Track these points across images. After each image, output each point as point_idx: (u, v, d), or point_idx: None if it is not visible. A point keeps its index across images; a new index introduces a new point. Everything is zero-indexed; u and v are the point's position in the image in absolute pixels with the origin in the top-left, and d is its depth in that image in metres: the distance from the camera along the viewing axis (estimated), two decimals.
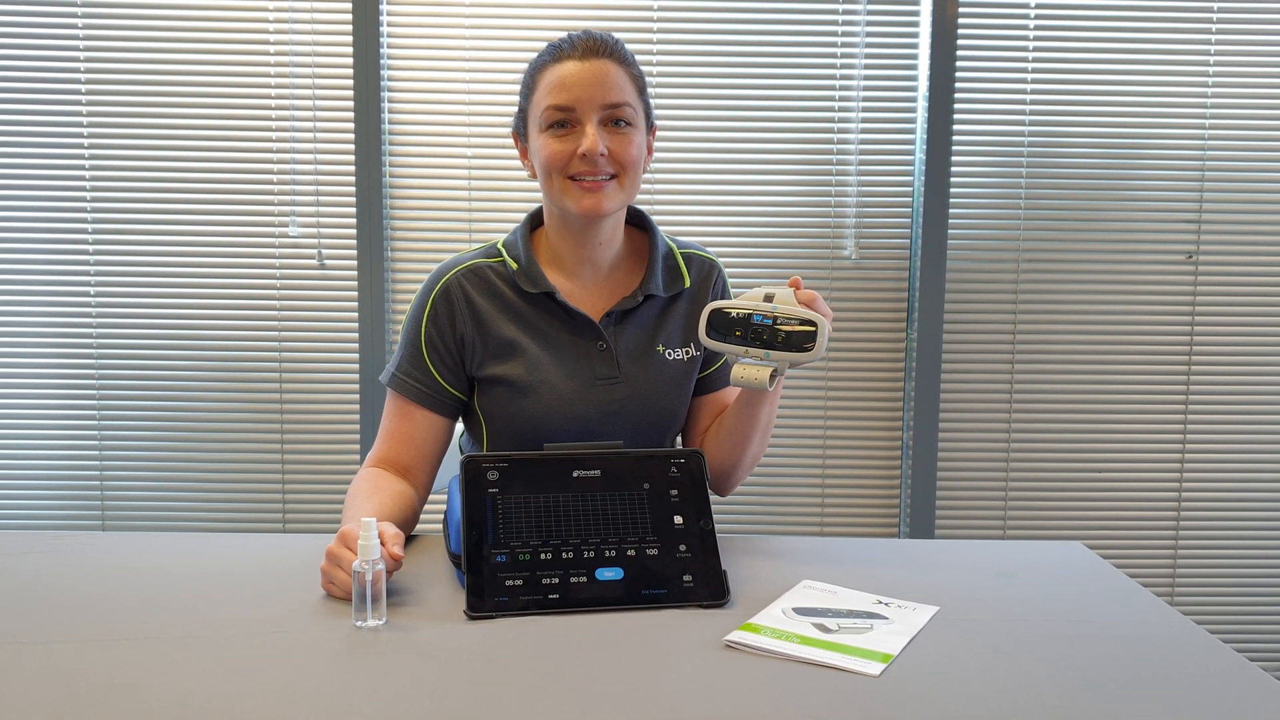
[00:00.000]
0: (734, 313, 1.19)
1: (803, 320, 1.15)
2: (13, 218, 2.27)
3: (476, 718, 0.83)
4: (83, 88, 2.25)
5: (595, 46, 1.27)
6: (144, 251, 2.29)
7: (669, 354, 1.37)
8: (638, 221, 1.41)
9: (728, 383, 1.42)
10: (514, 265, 1.33)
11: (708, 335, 1.21)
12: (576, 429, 1.31)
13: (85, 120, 2.26)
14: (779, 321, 1.16)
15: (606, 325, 1.34)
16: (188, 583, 1.13)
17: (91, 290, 2.29)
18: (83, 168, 2.26)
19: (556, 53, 1.28)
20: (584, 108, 1.25)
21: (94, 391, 2.31)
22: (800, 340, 1.15)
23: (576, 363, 1.32)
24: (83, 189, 2.27)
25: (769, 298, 1.18)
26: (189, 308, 2.30)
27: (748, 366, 1.18)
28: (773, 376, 1.18)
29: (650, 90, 1.34)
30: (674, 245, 1.41)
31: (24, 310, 2.29)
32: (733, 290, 1.45)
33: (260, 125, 2.27)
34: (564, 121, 1.26)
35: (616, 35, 1.32)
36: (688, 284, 1.38)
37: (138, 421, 2.32)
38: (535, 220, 1.40)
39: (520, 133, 1.35)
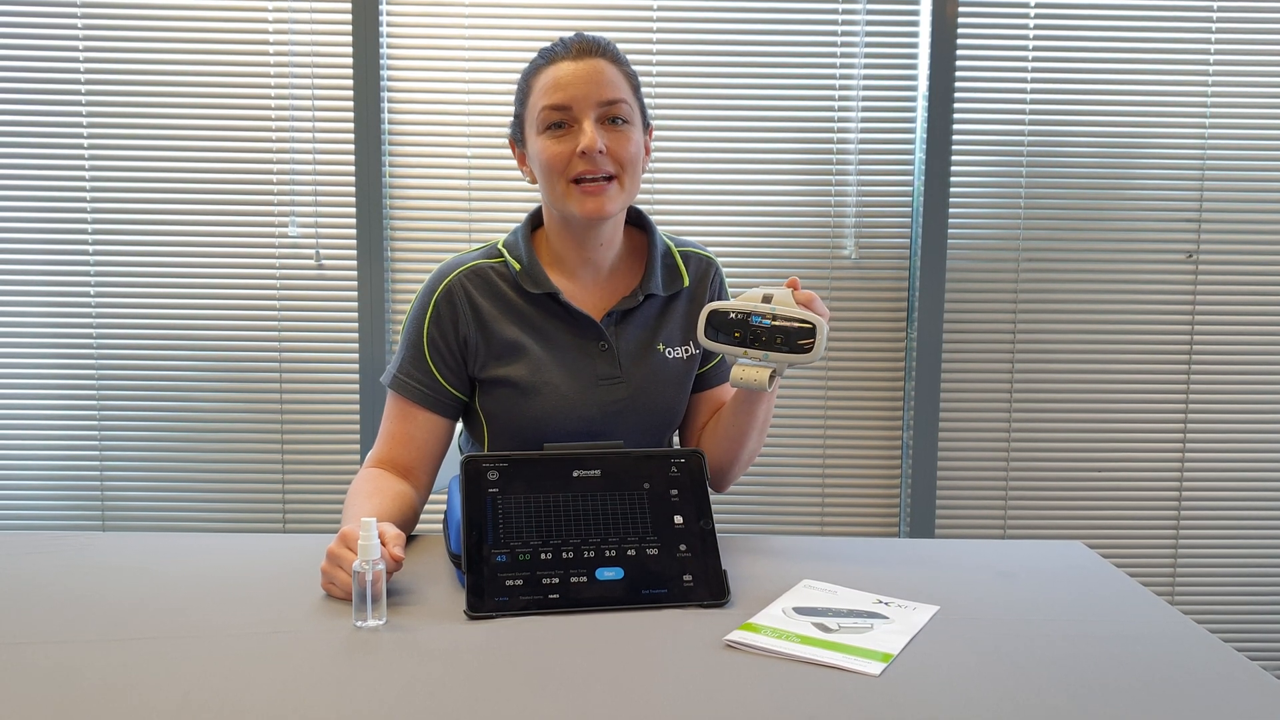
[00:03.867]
0: (733, 313, 1.19)
1: (801, 321, 1.16)
2: (12, 217, 2.27)
3: (476, 718, 0.83)
4: (82, 87, 2.25)
5: (588, 47, 1.27)
6: (144, 251, 2.29)
7: (669, 352, 1.37)
8: (636, 221, 1.41)
9: (724, 380, 1.43)
10: (516, 266, 1.33)
11: (706, 335, 1.21)
12: (579, 429, 1.31)
13: (85, 120, 2.26)
14: (778, 322, 1.16)
15: (608, 325, 1.34)
16: (188, 583, 1.13)
17: (91, 290, 2.29)
18: (82, 167, 2.26)
19: (550, 56, 1.28)
20: (580, 106, 1.25)
21: (94, 391, 2.31)
22: (799, 341, 1.16)
23: (579, 363, 1.32)
24: (82, 188, 2.27)
25: (767, 298, 1.18)
26: (189, 307, 2.30)
27: (747, 367, 1.19)
28: (772, 377, 1.18)
29: (650, 92, 1.35)
30: (672, 243, 1.41)
31: (24, 310, 2.29)
32: (730, 289, 1.45)
33: (260, 125, 2.27)
34: (561, 122, 1.26)
35: (616, 37, 1.32)
36: (686, 283, 1.38)
37: (138, 421, 2.32)
38: (535, 220, 1.40)
39: (517, 139, 1.35)
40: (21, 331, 2.30)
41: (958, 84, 2.29)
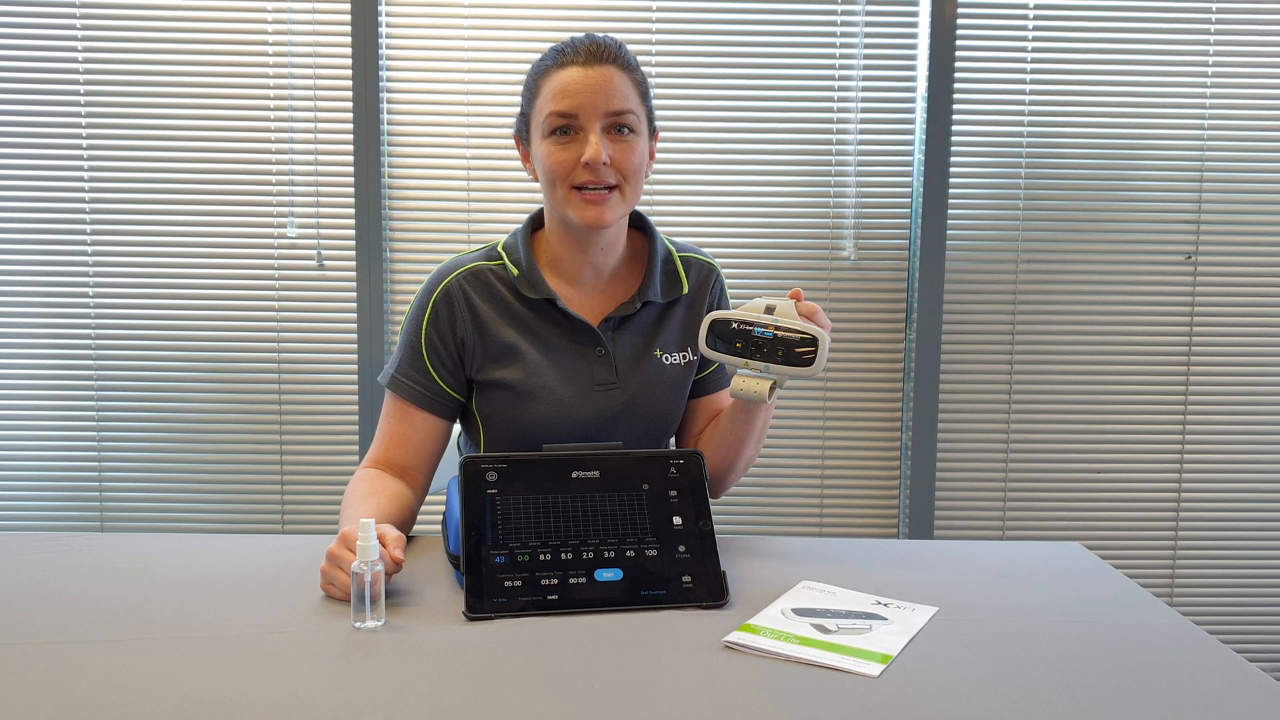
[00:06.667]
0: (735, 323, 1.19)
1: (804, 335, 1.16)
2: (10, 215, 2.27)
3: (475, 719, 0.82)
4: (81, 84, 2.24)
5: (599, 52, 1.26)
6: (142, 251, 2.29)
7: (666, 358, 1.37)
8: (638, 225, 1.41)
9: (722, 386, 1.42)
10: (515, 271, 1.32)
11: (708, 345, 1.21)
12: (575, 434, 1.31)
13: (84, 118, 2.25)
14: (780, 335, 1.17)
15: (605, 331, 1.34)
16: (186, 584, 1.13)
17: (90, 289, 2.29)
18: (81, 165, 2.26)
19: (559, 58, 1.27)
20: (587, 115, 1.24)
21: (92, 391, 2.31)
22: (801, 355, 1.16)
23: (575, 368, 1.32)
24: (81, 187, 2.27)
25: (770, 309, 1.18)
26: (187, 307, 2.30)
27: (748, 379, 1.19)
28: (772, 389, 1.19)
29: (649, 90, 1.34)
30: (672, 248, 1.40)
31: (22, 310, 2.29)
32: (729, 291, 1.45)
33: (259, 124, 2.27)
34: (566, 128, 1.26)
35: (617, 35, 1.32)
36: (685, 290, 1.38)
37: (136, 422, 2.32)
38: (536, 222, 1.39)
39: (522, 136, 1.35)
40: (20, 331, 2.30)
41: (956, 83, 2.29)
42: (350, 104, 2.26)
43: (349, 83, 2.25)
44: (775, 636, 0.98)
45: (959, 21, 2.27)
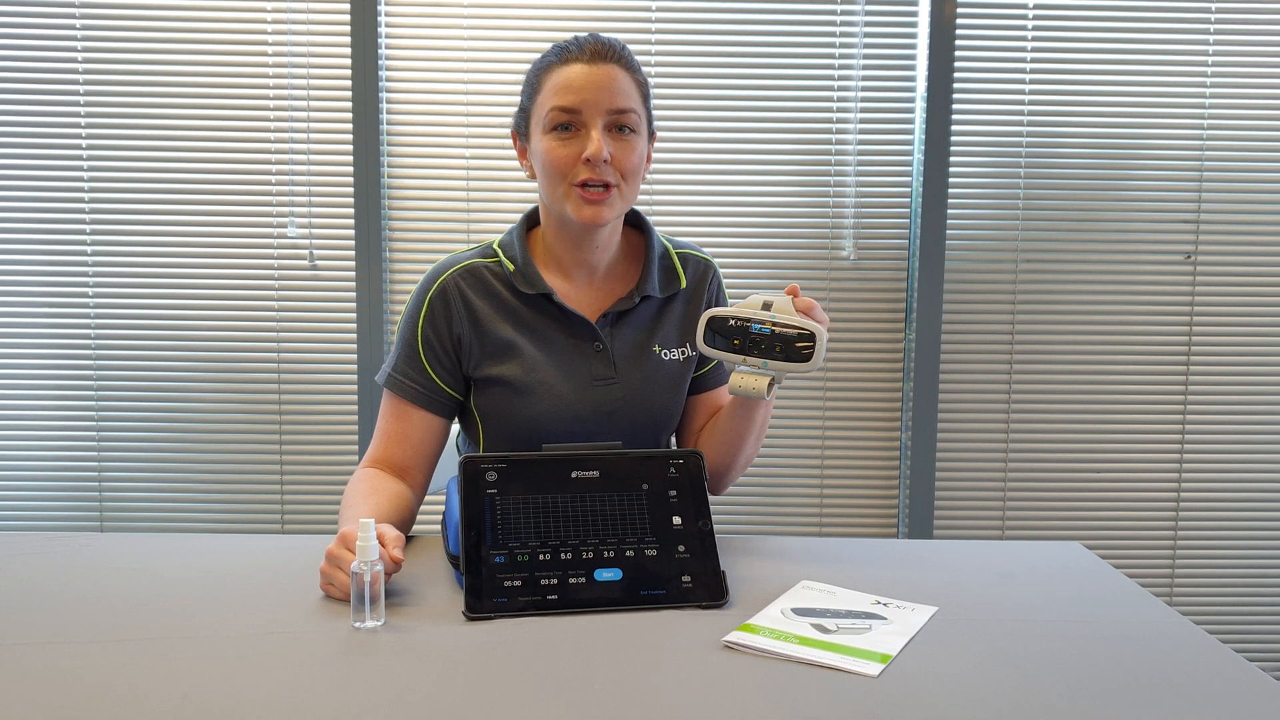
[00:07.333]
0: (732, 320, 1.19)
1: (801, 331, 1.16)
2: (10, 215, 2.27)
3: (475, 719, 0.82)
4: (80, 83, 2.24)
5: (603, 51, 1.27)
6: (142, 251, 2.29)
7: (665, 354, 1.37)
8: (634, 222, 1.41)
9: (722, 383, 1.43)
10: (510, 267, 1.33)
11: (705, 342, 1.21)
12: (573, 430, 1.31)
13: (83, 117, 2.25)
14: (778, 331, 1.17)
15: (603, 326, 1.34)
16: (186, 584, 1.13)
17: (90, 289, 2.29)
18: (80, 165, 2.26)
19: (563, 54, 1.28)
20: (590, 111, 1.25)
21: (92, 391, 2.31)
22: (799, 351, 1.16)
23: (573, 364, 1.32)
24: (80, 186, 2.27)
25: (767, 305, 1.18)
26: (188, 307, 2.30)
27: (746, 375, 1.19)
28: (770, 385, 1.19)
29: (650, 93, 1.34)
30: (669, 245, 1.40)
31: (21, 310, 2.29)
32: (729, 291, 1.45)
33: (258, 124, 2.27)
34: (568, 124, 1.26)
35: (616, 35, 1.32)
36: (683, 284, 1.38)
37: (136, 422, 2.32)
38: (531, 220, 1.39)
39: (521, 132, 1.35)
40: (19, 331, 2.30)
41: (956, 83, 2.29)
42: (350, 104, 2.26)
43: (348, 82, 2.25)
44: (775, 636, 0.98)
45: (959, 21, 2.27)
